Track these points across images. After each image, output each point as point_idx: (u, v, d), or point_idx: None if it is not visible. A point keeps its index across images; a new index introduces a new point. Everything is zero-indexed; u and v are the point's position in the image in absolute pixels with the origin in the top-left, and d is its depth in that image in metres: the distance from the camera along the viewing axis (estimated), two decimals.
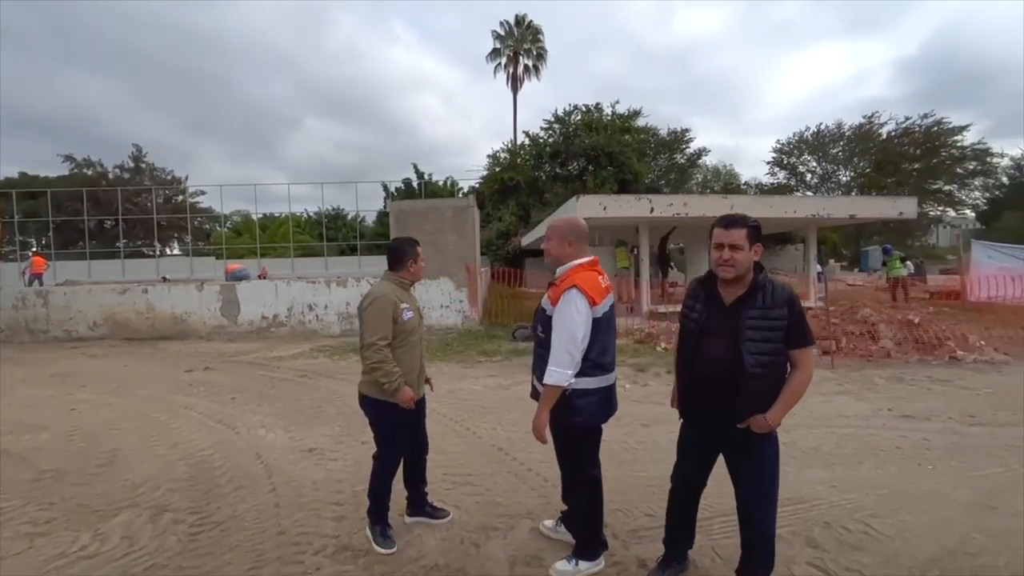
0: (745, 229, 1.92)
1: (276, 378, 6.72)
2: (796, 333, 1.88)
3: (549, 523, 2.76)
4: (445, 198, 21.91)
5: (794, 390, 1.90)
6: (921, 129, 30.51)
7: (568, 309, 2.09)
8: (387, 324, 2.50)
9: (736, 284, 1.96)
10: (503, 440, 4.20)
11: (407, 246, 2.74)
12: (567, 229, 2.29)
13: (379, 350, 2.47)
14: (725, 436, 2.04)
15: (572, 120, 26.92)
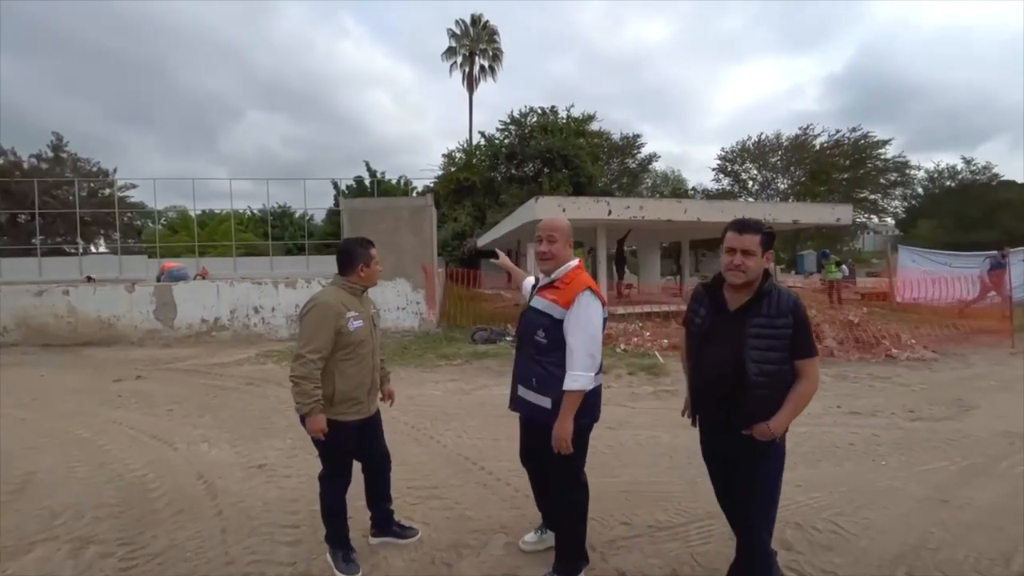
0: (759, 235, 1.86)
1: (219, 387, 6.24)
2: (800, 343, 1.83)
3: (531, 537, 2.62)
4: (400, 197, 21.41)
5: (799, 399, 1.85)
6: (850, 142, 32.70)
7: (587, 312, 2.08)
8: (324, 335, 2.24)
9: (742, 290, 1.90)
10: (469, 448, 4.04)
11: (358, 248, 2.45)
12: (569, 231, 2.27)
13: (306, 363, 2.21)
14: (731, 442, 1.97)
15: (528, 122, 26.99)
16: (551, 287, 2.20)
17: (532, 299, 2.28)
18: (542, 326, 2.13)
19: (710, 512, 2.93)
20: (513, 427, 4.57)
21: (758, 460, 1.92)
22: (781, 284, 1.99)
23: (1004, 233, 28.21)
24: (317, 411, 2.22)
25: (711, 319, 1.98)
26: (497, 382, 6.25)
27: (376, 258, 2.49)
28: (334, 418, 2.32)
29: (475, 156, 28.01)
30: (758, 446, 1.88)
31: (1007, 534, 2.63)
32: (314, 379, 2.22)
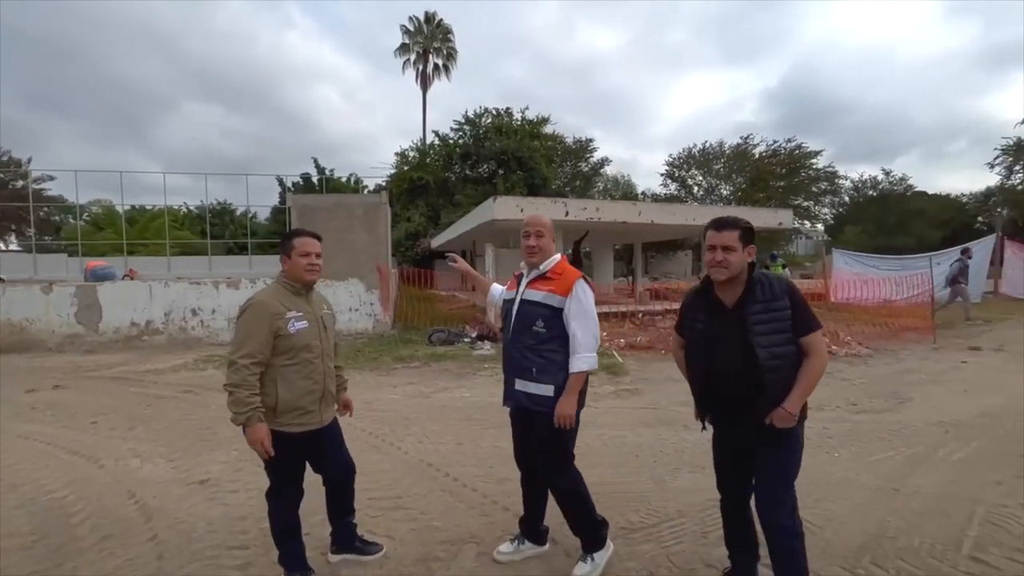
0: (738, 230, 1.90)
1: (152, 395, 5.73)
2: (801, 320, 1.86)
3: (506, 547, 2.50)
4: (352, 194, 20.70)
5: (809, 375, 1.86)
6: (786, 152, 34.73)
7: (587, 297, 2.21)
8: (259, 339, 2.04)
9: (733, 285, 1.94)
10: (431, 454, 3.88)
11: (283, 240, 2.26)
12: (553, 226, 2.39)
13: (238, 370, 2.01)
14: (751, 435, 1.96)
15: (483, 123, 26.87)
16: (543, 279, 2.28)
17: (524, 292, 2.31)
18: (541, 316, 2.20)
19: (681, 511, 2.94)
20: (477, 431, 4.47)
21: (773, 447, 1.93)
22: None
23: (917, 239, 30.85)
24: (255, 420, 2.02)
25: (712, 321, 1.99)
26: (457, 384, 6.09)
27: (301, 248, 2.20)
28: (279, 429, 2.12)
29: (429, 155, 27.60)
30: (778, 434, 1.88)
31: (953, 519, 2.77)
32: (249, 386, 2.01)
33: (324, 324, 2.30)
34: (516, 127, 26.49)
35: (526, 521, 2.52)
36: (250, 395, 2.01)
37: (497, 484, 3.33)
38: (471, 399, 5.47)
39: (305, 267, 2.20)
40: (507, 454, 3.88)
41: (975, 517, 2.79)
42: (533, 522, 2.51)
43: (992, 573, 2.30)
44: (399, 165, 27.88)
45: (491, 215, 10.19)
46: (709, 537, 2.65)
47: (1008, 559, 2.40)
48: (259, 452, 2.06)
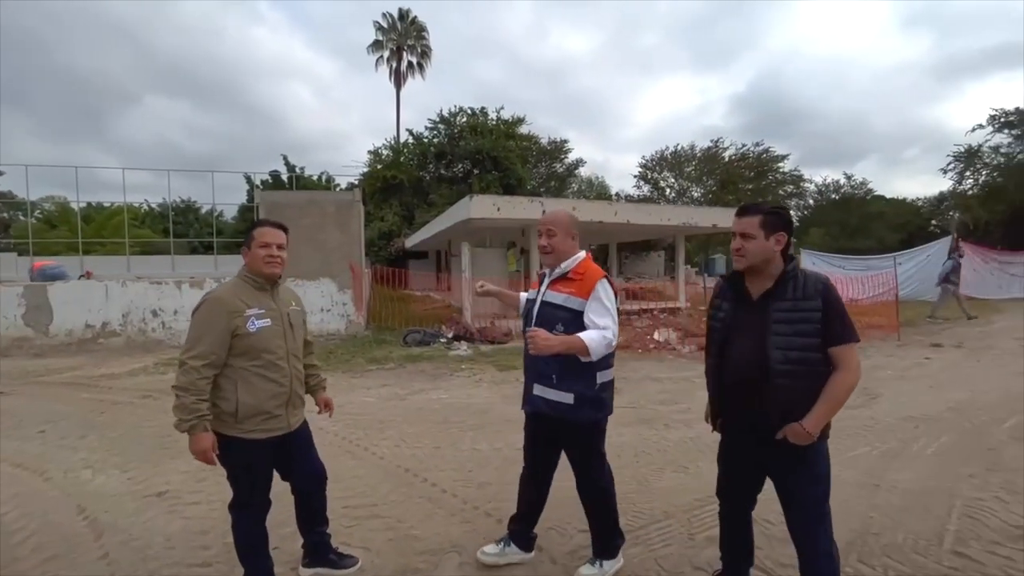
0: (759, 216, 1.75)
1: (107, 401, 5.39)
2: (834, 327, 1.66)
3: (491, 548, 2.41)
4: (325, 191, 20.19)
5: (835, 392, 1.67)
6: (754, 155, 35.65)
7: (607, 296, 2.09)
8: (213, 338, 1.89)
9: (761, 276, 1.78)
10: (409, 459, 3.73)
11: (247, 230, 2.12)
12: (570, 223, 2.23)
13: (187, 372, 1.85)
14: (765, 449, 1.80)
15: (457, 122, 26.65)
16: (565, 280, 2.16)
17: (544, 293, 2.19)
18: (561, 320, 2.09)
19: (667, 512, 2.89)
20: (455, 433, 4.34)
21: (797, 465, 1.76)
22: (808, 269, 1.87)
23: (877, 241, 32.07)
24: (199, 429, 1.85)
25: (734, 312, 1.86)
26: (433, 386, 5.94)
27: (260, 239, 2.03)
28: (242, 436, 1.96)
29: (403, 154, 27.20)
30: (796, 452, 1.72)
31: (933, 514, 2.80)
32: (197, 391, 1.85)
33: (291, 322, 2.13)
34: (491, 127, 26.37)
35: (517, 521, 2.43)
36: (196, 401, 1.84)
37: (478, 489, 3.21)
38: (448, 401, 5.33)
39: (264, 259, 2.02)
40: (486, 457, 3.79)
41: (953, 511, 2.82)
42: (525, 524, 2.43)
43: (974, 567, 2.31)
44: (372, 164, 27.39)
45: (467, 214, 10.05)
46: (696, 539, 2.60)
47: (988, 552, 2.42)
48: (200, 460, 1.90)
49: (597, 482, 2.26)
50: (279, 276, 2.09)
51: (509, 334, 8.91)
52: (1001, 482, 3.17)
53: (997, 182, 28.57)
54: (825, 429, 1.74)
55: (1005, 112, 27.43)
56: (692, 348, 8.04)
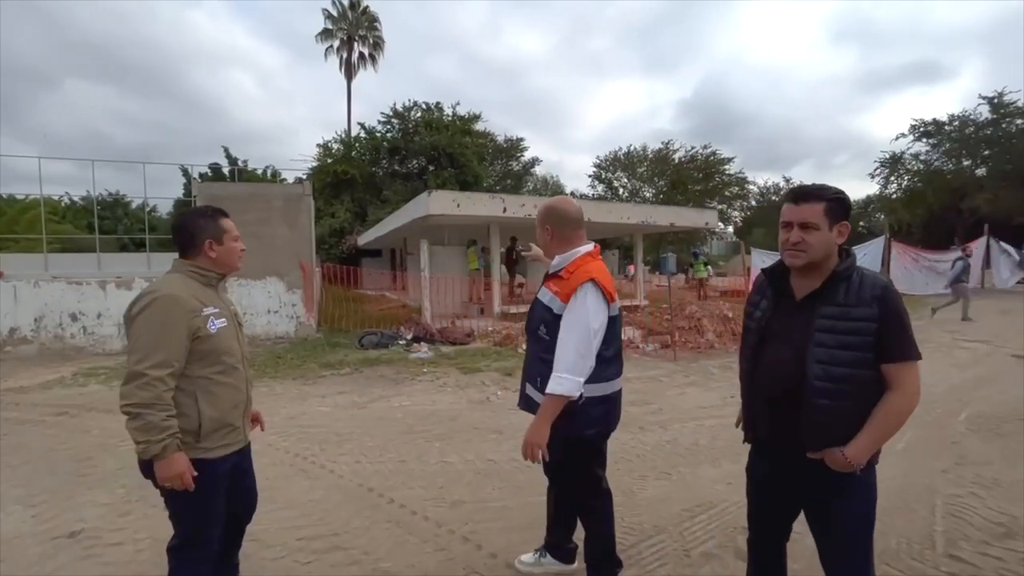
0: (823, 203, 1.47)
1: (12, 420, 4.68)
2: (892, 340, 1.40)
3: (528, 557, 2.30)
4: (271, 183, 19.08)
5: (888, 418, 1.42)
6: (702, 158, 36.89)
7: (583, 306, 1.81)
8: (174, 343, 1.59)
9: (812, 274, 1.51)
10: (372, 476, 3.38)
11: (199, 219, 1.78)
12: (547, 214, 2.02)
13: (149, 385, 1.52)
14: (800, 472, 1.54)
15: (412, 117, 25.95)
16: (556, 277, 1.96)
17: (539, 290, 2.02)
18: (544, 321, 1.91)
19: (657, 526, 2.71)
20: (421, 445, 4.01)
21: (835, 497, 1.51)
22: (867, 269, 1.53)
23: None
24: (173, 449, 1.55)
25: (773, 312, 1.60)
26: (395, 392, 5.57)
27: (232, 232, 1.82)
28: (201, 457, 1.65)
29: (355, 148, 26.19)
30: (834, 479, 1.47)
31: (919, 514, 2.77)
32: (163, 405, 1.55)
33: (238, 321, 1.89)
34: (447, 122, 25.84)
35: (550, 531, 2.28)
36: (166, 417, 1.55)
37: (451, 509, 2.92)
38: (412, 408, 4.99)
39: (238, 253, 1.85)
40: (458, 471, 3.50)
41: (936, 510, 2.80)
42: (559, 535, 2.26)
43: (971, 571, 2.26)
44: (322, 158, 26.22)
45: (426, 210, 9.66)
46: (692, 555, 2.43)
47: (980, 554, 2.38)
48: (176, 485, 1.58)
49: (591, 507, 2.07)
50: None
51: (471, 335, 8.62)
52: (973, 477, 3.21)
53: (917, 187, 30.90)
54: (873, 457, 1.48)
55: (924, 123, 29.67)
56: (656, 346, 8.04)
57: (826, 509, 1.54)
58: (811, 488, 1.55)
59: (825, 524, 1.56)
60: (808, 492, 1.57)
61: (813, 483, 1.53)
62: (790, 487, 1.62)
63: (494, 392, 5.53)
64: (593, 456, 2.02)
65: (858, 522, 1.52)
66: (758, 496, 1.78)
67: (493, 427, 4.40)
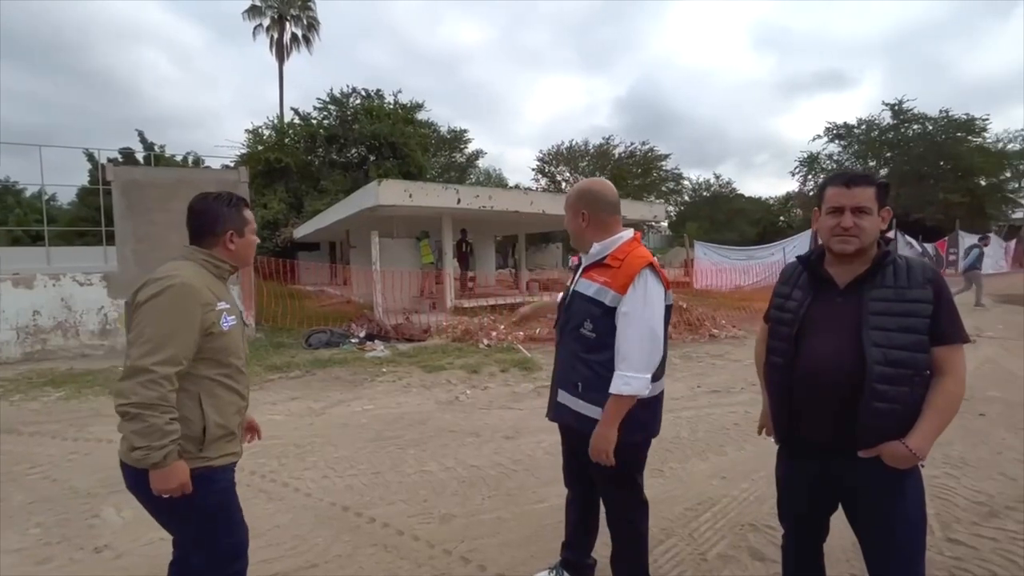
0: (874, 187, 1.43)
1: None
2: (945, 322, 1.36)
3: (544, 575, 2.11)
4: (200, 168, 17.45)
5: (947, 403, 1.36)
6: (641, 154, 38.15)
7: (645, 295, 1.65)
8: (186, 336, 1.39)
9: (854, 261, 1.46)
10: (344, 492, 3.04)
11: (222, 207, 1.58)
12: (579, 198, 1.85)
13: (154, 383, 1.31)
14: (846, 471, 1.47)
15: (351, 104, 24.73)
16: (600, 266, 1.76)
17: (577, 282, 1.82)
18: (590, 316, 1.71)
19: (664, 529, 2.60)
20: (394, 453, 3.68)
21: (887, 498, 1.43)
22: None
23: (740, 234, 36.14)
24: (174, 457, 1.35)
25: (812, 302, 1.51)
26: (354, 395, 5.15)
27: (252, 224, 1.65)
28: (208, 466, 1.47)
29: (288, 135, 24.61)
30: (890, 476, 1.39)
31: None
32: (168, 407, 1.34)
33: (243, 320, 1.66)
34: (388, 111, 24.86)
35: (566, 548, 2.12)
36: (170, 420, 1.35)
37: (441, 525, 2.66)
38: (376, 412, 4.62)
39: (254, 248, 1.70)
40: (440, 480, 3.22)
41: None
42: (576, 551, 2.08)
43: (972, 554, 2.31)
44: (252, 144, 24.40)
45: (375, 200, 9.13)
46: (709, 559, 2.33)
47: (975, 535, 2.45)
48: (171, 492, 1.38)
49: (630, 520, 1.88)
50: None
51: (428, 330, 8.26)
52: (942, 458, 3.35)
53: None
54: None
55: (836, 126, 32.29)
56: None
57: (878, 512, 1.45)
58: (863, 487, 1.46)
59: (876, 528, 1.47)
60: (859, 493, 1.49)
61: (865, 482, 1.45)
62: (832, 489, 1.54)
63: (462, 391, 5.26)
64: (637, 463, 1.85)
65: (911, 523, 1.45)
66: (795, 501, 1.68)
67: (468, 429, 4.14)
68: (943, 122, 27.82)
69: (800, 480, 1.62)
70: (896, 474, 1.39)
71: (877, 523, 1.47)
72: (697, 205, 45.73)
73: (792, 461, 1.65)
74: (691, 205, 46.38)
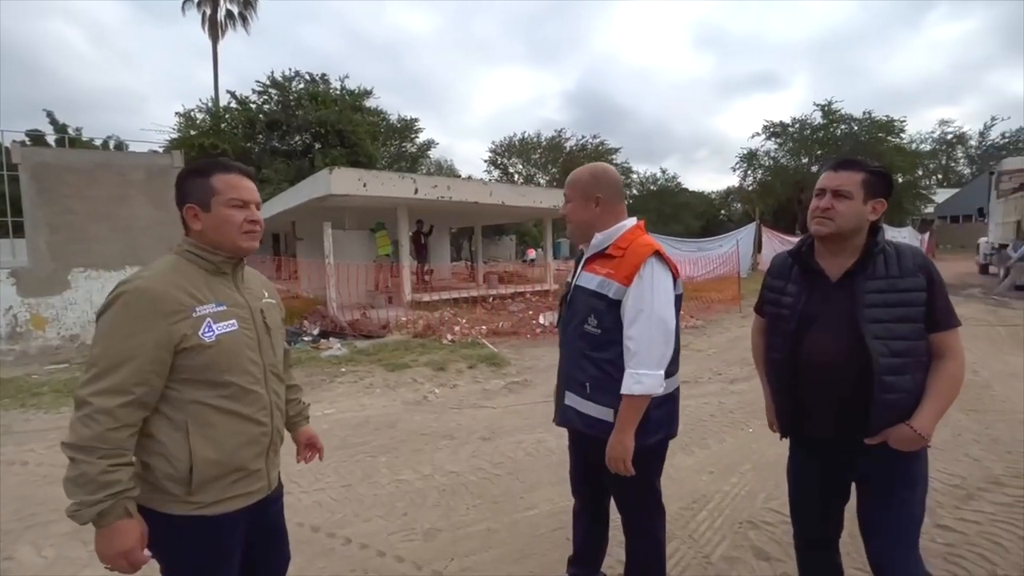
0: (861, 173, 1.40)
1: None
2: (938, 310, 1.37)
3: None
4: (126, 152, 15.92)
5: (949, 386, 1.38)
6: (592, 147, 38.65)
7: (652, 285, 1.50)
8: (136, 358, 1.07)
9: (842, 252, 1.45)
10: (313, 511, 2.74)
11: (185, 176, 1.26)
12: (590, 183, 1.67)
13: (95, 417, 1.03)
14: (855, 459, 1.46)
15: (294, 88, 23.42)
16: (602, 256, 1.63)
17: (579, 275, 1.68)
18: (594, 311, 1.58)
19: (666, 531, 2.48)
20: (364, 462, 3.38)
21: (907, 485, 1.43)
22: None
23: (684, 227, 37.50)
24: (116, 514, 1.05)
25: (808, 295, 1.49)
26: (314, 398, 4.77)
27: (230, 191, 1.23)
28: (196, 513, 1.16)
29: (224, 120, 23.00)
30: (895, 463, 1.41)
31: None
32: (111, 448, 1.05)
33: (267, 322, 1.32)
34: (335, 97, 23.76)
35: (574, 563, 1.96)
36: (110, 467, 1.04)
37: (426, 542, 2.43)
38: (339, 416, 4.29)
39: (242, 226, 1.24)
40: (418, 490, 2.98)
41: None
42: (587, 566, 1.92)
43: (961, 539, 2.35)
44: (184, 129, 22.60)
45: (327, 189, 8.60)
46: (713, 561, 2.23)
47: (959, 519, 2.50)
48: (124, 570, 1.09)
49: (648, 529, 1.73)
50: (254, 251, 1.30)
51: (387, 326, 7.88)
52: None
53: (768, 180, 35.42)
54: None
55: (773, 124, 34.00)
56: None
57: (885, 495, 1.46)
58: (871, 473, 1.46)
59: (880, 512, 1.47)
60: (868, 478, 1.48)
61: (869, 471, 1.46)
62: (839, 478, 1.55)
63: (430, 390, 5.00)
64: (655, 467, 1.71)
65: (914, 511, 1.46)
66: (808, 496, 1.64)
67: (441, 432, 3.91)
68: (867, 123, 29.91)
69: (811, 474, 1.60)
70: (904, 460, 1.40)
71: (880, 507, 1.47)
72: (644, 199, 46.99)
73: (802, 456, 1.64)
74: (639, 199, 47.61)
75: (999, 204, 12.44)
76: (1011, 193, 12.01)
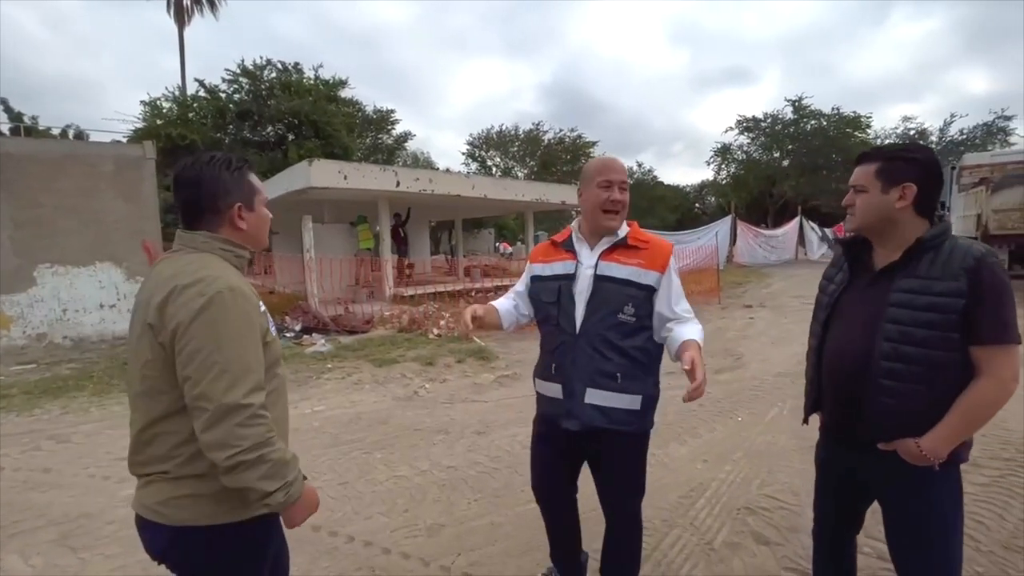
0: (875, 164, 1.35)
1: None
2: (982, 319, 1.20)
3: None
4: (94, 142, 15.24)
5: (975, 406, 1.24)
6: (570, 140, 38.72)
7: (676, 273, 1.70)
8: (256, 352, 1.08)
9: (891, 244, 1.36)
10: None
11: (223, 171, 1.15)
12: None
13: (256, 418, 1.01)
14: (871, 463, 1.40)
15: (266, 77, 22.73)
16: (624, 248, 1.67)
17: (599, 265, 1.65)
18: (631, 299, 1.60)
19: (666, 520, 2.54)
20: (359, 458, 3.34)
21: (910, 496, 1.36)
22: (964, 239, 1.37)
23: (660, 220, 38.01)
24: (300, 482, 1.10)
25: (848, 283, 1.46)
26: (301, 395, 4.69)
27: (263, 193, 1.25)
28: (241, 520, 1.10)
29: (193, 110, 22.21)
30: (910, 475, 1.32)
31: None
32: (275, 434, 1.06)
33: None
34: (309, 87, 23.17)
35: (555, 547, 1.97)
36: (283, 448, 1.09)
37: (430, 538, 2.42)
38: (330, 414, 4.23)
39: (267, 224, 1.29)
40: (418, 486, 2.96)
41: None
42: (570, 551, 1.96)
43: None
44: (149, 118, 21.72)
45: (306, 182, 8.43)
46: (716, 548, 2.29)
47: None
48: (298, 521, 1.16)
49: (635, 513, 1.80)
50: None
51: (370, 321, 7.78)
52: None
53: (741, 174, 36.16)
54: (959, 452, 1.31)
55: (746, 119, 34.66)
56: None
57: (901, 509, 1.39)
58: (884, 484, 1.41)
59: (899, 527, 1.41)
60: (881, 488, 1.43)
61: (880, 478, 1.40)
62: (861, 480, 1.49)
63: (420, 385, 4.97)
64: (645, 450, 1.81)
65: (937, 525, 1.35)
66: (826, 488, 1.65)
67: (435, 427, 3.89)
68: (835, 118, 30.75)
69: (832, 467, 1.60)
70: (920, 472, 1.31)
71: (896, 519, 1.41)
72: None
73: (825, 449, 1.63)
74: None
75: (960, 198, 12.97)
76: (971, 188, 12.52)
